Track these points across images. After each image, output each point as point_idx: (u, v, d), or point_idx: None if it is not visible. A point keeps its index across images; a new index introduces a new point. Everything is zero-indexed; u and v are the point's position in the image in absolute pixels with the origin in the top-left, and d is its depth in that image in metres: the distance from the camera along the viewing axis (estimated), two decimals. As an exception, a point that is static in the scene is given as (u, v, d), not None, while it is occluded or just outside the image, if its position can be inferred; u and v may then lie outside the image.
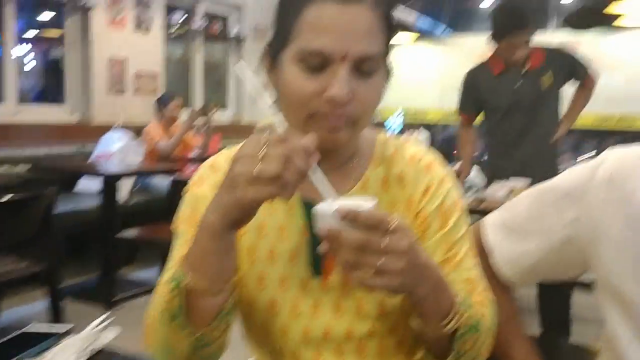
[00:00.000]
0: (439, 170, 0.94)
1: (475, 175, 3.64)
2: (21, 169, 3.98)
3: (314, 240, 0.88)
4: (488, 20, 2.99)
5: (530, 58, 2.96)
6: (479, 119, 3.33)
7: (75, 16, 4.77)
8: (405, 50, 7.56)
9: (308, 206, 0.89)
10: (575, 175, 0.95)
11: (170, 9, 5.54)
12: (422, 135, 7.91)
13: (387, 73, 0.89)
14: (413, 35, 7.25)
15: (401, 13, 6.99)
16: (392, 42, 0.87)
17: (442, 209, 0.91)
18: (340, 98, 0.79)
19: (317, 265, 0.90)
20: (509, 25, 2.85)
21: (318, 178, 0.72)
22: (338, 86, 0.79)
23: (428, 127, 7.95)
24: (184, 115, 4.74)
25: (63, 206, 3.49)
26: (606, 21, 5.35)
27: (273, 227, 0.92)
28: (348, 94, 0.79)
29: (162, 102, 4.67)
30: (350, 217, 0.68)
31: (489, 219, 1.07)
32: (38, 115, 4.54)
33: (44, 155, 4.18)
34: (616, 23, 6.28)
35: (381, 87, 0.86)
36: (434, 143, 8.01)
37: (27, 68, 5.37)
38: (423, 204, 0.92)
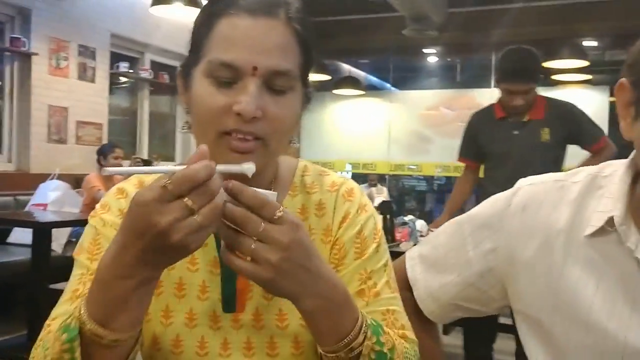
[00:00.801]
0: (358, 198, 0.91)
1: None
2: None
3: (227, 273, 0.84)
4: (431, 77, 3.00)
5: (532, 108, 2.87)
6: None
7: (16, 63, 4.66)
8: (354, 104, 7.71)
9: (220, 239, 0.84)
10: (491, 205, 0.93)
11: (115, 58, 5.49)
12: (383, 191, 7.96)
13: (305, 98, 0.86)
14: (361, 90, 7.43)
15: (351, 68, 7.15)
16: (309, 64, 0.84)
17: (360, 237, 0.88)
18: (247, 112, 0.75)
19: (229, 301, 0.84)
20: (505, 72, 2.84)
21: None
22: (246, 100, 0.75)
23: (379, 178, 8.07)
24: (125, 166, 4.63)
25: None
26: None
27: (183, 260, 0.86)
28: (256, 109, 0.75)
29: (102, 153, 4.60)
30: (236, 190, 0.65)
31: (411, 253, 1.04)
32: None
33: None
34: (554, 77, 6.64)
35: (295, 108, 0.82)
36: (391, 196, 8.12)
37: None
38: (340, 232, 0.88)
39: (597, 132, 2.93)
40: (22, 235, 3.97)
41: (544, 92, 3.13)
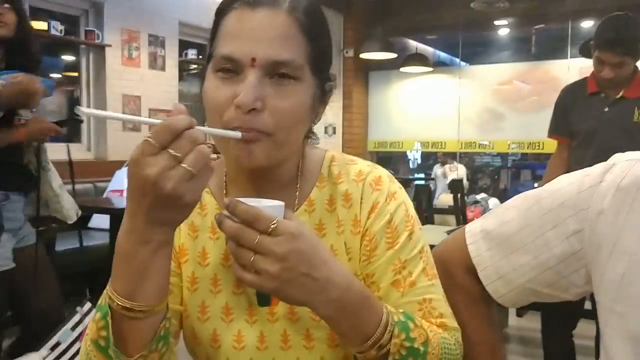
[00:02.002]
0: (387, 186, 0.89)
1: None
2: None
3: None
4: (503, 50, 2.84)
5: (629, 85, 2.63)
6: None
7: (91, 55, 4.86)
8: (422, 81, 7.55)
9: None
10: (578, 182, 0.83)
11: (184, 46, 5.61)
12: (457, 168, 7.76)
13: (319, 90, 0.83)
14: (429, 67, 7.25)
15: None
16: (320, 55, 0.82)
17: (391, 227, 0.86)
18: (244, 103, 0.73)
19: (263, 295, 0.84)
20: (597, 40, 2.60)
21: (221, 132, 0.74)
22: (244, 92, 0.74)
23: (449, 157, 7.89)
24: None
25: (71, 243, 3.48)
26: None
27: (216, 255, 0.88)
28: (255, 101, 0.74)
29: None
30: (231, 207, 0.68)
31: (472, 227, 0.95)
32: (54, 154, 4.58)
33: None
34: None
35: (301, 100, 0.79)
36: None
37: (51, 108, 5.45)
38: (370, 222, 0.87)
39: None
40: (101, 221, 4.17)
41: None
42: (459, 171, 7.65)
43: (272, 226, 0.67)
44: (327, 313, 0.72)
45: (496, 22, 7.70)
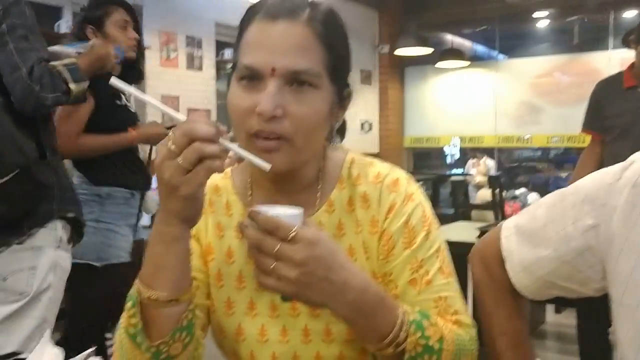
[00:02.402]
0: (404, 188, 0.92)
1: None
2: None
3: None
4: (542, 42, 2.78)
5: None
6: None
7: (131, 58, 5.00)
8: (458, 76, 7.48)
9: None
10: (599, 178, 0.86)
11: (221, 46, 5.71)
12: (489, 162, 7.69)
13: (338, 97, 0.88)
14: (465, 61, 7.17)
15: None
16: (339, 62, 0.86)
17: (408, 227, 0.89)
18: (265, 111, 0.78)
19: None
20: None
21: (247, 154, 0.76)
22: (264, 100, 0.79)
23: (486, 152, 7.80)
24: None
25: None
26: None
27: (241, 253, 0.93)
28: (275, 108, 0.79)
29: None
30: (251, 217, 0.73)
31: (507, 223, 0.99)
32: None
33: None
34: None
35: (320, 106, 0.84)
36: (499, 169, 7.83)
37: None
38: (387, 223, 0.90)
39: None
40: (146, 219, 4.29)
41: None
42: (481, 167, 7.60)
43: (292, 234, 0.71)
44: (345, 314, 0.76)
45: (534, 15, 7.56)
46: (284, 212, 0.74)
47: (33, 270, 1.67)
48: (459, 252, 1.17)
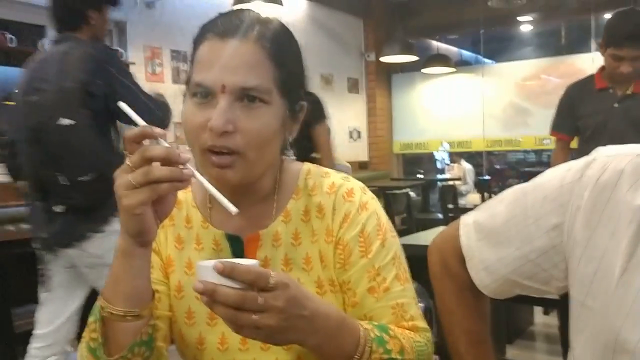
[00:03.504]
0: (358, 197, 0.94)
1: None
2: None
3: None
4: (526, 46, 2.80)
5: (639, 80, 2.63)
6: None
7: (117, 73, 5.02)
8: (445, 82, 7.53)
9: (234, 241, 0.93)
10: (559, 176, 0.84)
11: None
12: (466, 165, 7.80)
13: (290, 111, 0.90)
14: (451, 67, 7.22)
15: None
16: (290, 78, 0.88)
17: (363, 236, 0.92)
18: (216, 127, 0.81)
19: None
20: (613, 35, 2.58)
21: (215, 193, 0.77)
22: (215, 116, 0.81)
23: (474, 155, 7.84)
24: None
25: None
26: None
27: None
28: (226, 124, 0.81)
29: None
30: (228, 271, 0.68)
31: (465, 219, 0.97)
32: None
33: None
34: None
35: (270, 121, 0.86)
36: (483, 172, 7.88)
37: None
38: (342, 232, 0.92)
39: None
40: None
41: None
42: (455, 170, 7.69)
43: (272, 282, 0.69)
44: (315, 344, 0.77)
45: (518, 18, 7.62)
46: (247, 263, 0.72)
47: None
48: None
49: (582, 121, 2.79)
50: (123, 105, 0.80)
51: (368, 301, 0.90)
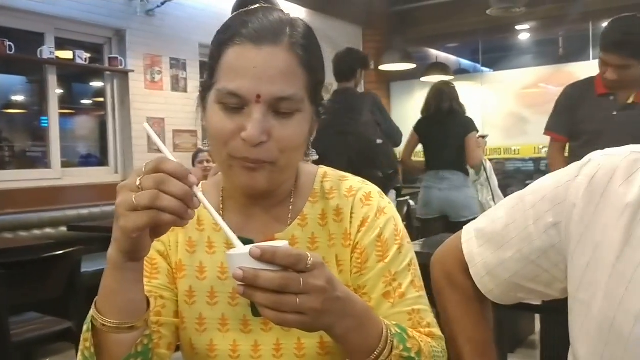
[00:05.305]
0: (376, 201, 0.93)
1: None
2: (62, 229, 4.14)
3: None
4: (525, 54, 2.77)
5: None
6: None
7: (115, 81, 5.02)
8: (444, 90, 7.52)
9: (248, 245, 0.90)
10: (557, 177, 0.86)
11: (205, 67, 5.74)
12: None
13: (316, 114, 0.89)
14: (450, 75, 7.23)
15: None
16: (317, 83, 0.87)
17: (381, 240, 0.90)
18: (252, 139, 0.79)
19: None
20: (607, 39, 2.55)
21: (224, 226, 0.73)
22: (251, 127, 0.79)
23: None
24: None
25: (95, 265, 3.56)
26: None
27: (213, 268, 0.92)
28: (261, 135, 0.79)
29: (194, 158, 4.80)
30: (268, 256, 0.65)
31: (467, 228, 0.98)
32: (82, 179, 4.75)
33: (87, 215, 4.34)
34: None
35: (303, 127, 0.85)
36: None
37: (83, 133, 5.62)
38: (359, 237, 0.90)
39: None
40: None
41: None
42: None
43: (310, 262, 0.67)
44: (344, 330, 0.73)
45: (517, 27, 7.64)
46: (280, 244, 0.68)
47: None
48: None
49: (579, 126, 2.74)
50: (147, 128, 0.79)
51: (383, 306, 0.88)
